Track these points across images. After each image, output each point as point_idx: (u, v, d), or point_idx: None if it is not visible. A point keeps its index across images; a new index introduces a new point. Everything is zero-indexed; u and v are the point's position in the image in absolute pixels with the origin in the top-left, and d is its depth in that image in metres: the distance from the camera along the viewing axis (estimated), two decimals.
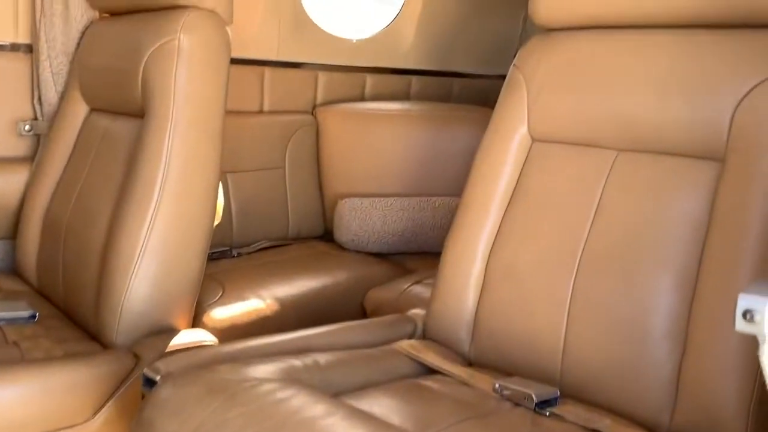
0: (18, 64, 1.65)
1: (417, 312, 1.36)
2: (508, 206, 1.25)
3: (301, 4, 2.23)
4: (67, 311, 1.41)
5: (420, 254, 2.08)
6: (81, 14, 1.59)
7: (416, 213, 2.03)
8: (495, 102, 2.86)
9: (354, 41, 2.42)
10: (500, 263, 1.21)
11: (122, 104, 1.39)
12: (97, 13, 1.60)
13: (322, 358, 1.08)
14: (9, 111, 1.66)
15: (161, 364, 0.98)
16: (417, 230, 2.03)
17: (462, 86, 2.80)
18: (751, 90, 1.00)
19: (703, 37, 1.05)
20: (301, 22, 2.24)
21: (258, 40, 2.12)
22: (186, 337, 1.24)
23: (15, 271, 1.64)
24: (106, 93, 1.45)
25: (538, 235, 1.18)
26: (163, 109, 1.25)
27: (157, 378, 0.95)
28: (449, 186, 2.08)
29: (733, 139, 1.02)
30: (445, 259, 1.29)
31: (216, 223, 1.45)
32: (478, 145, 2.09)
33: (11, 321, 1.30)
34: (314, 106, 2.28)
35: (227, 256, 1.92)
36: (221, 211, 1.46)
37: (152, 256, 1.23)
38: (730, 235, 0.97)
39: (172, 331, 1.26)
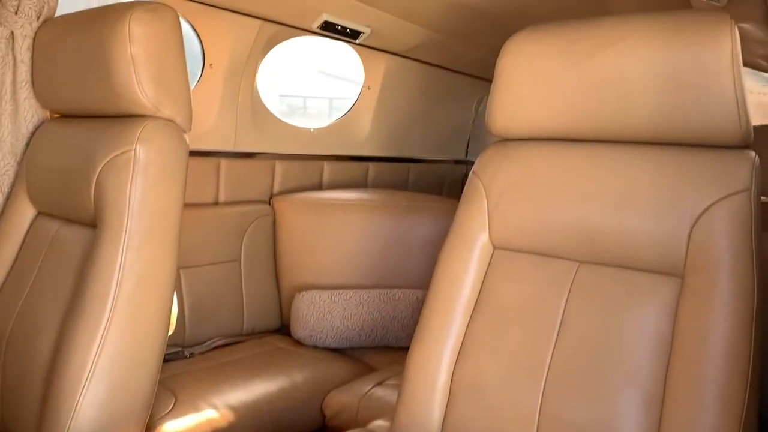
0: None
1: (380, 425, 1.31)
2: (471, 315, 1.24)
3: (258, 96, 2.25)
4: (4, 430, 1.31)
5: (380, 348, 2.04)
6: (31, 114, 1.54)
7: (376, 306, 2.00)
8: (450, 186, 2.92)
9: (311, 130, 2.43)
10: (465, 376, 1.19)
11: (73, 211, 1.34)
12: (48, 114, 1.57)
13: None
14: None
15: None
16: (377, 324, 2.00)
17: (418, 171, 2.84)
18: (707, 209, 1.03)
19: (660, 153, 1.09)
20: (259, 112, 2.25)
21: (215, 131, 2.11)
22: None
23: None
24: (56, 197, 1.40)
25: (503, 348, 1.16)
26: (116, 222, 1.20)
27: None
28: (410, 277, 2.07)
29: (691, 257, 1.04)
30: (410, 367, 1.26)
31: (170, 333, 1.39)
32: (438, 235, 2.11)
33: None
34: (271, 196, 2.26)
35: (179, 358, 1.84)
36: (174, 322, 1.40)
37: (102, 377, 1.16)
38: (692, 356, 0.98)
39: None
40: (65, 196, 1.36)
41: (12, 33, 1.48)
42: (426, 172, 2.89)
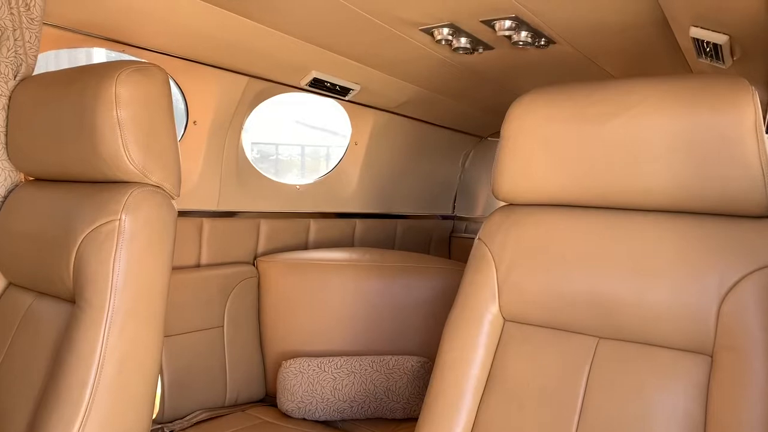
0: None
1: None
2: (483, 394, 1.16)
3: (243, 152, 2.17)
4: None
5: (374, 420, 1.93)
6: (4, 177, 1.44)
7: (368, 375, 1.90)
8: (437, 241, 2.85)
9: (298, 187, 2.36)
10: None
11: (49, 284, 1.23)
12: (22, 176, 1.47)
13: None
14: None
15: None
16: (370, 395, 1.89)
17: (406, 227, 2.78)
18: (736, 283, 0.97)
19: (681, 221, 1.03)
20: (244, 170, 2.17)
21: (198, 191, 2.02)
22: None
23: None
24: (30, 267, 1.29)
25: (520, 431, 1.08)
26: (98, 299, 1.10)
27: None
28: (404, 343, 1.98)
29: (721, 334, 0.98)
30: None
31: (153, 417, 1.27)
32: (432, 297, 2.03)
33: None
34: (255, 256, 2.17)
35: None
36: (158, 402, 1.29)
37: None
38: None
39: None
40: (40, 266, 1.25)
41: None
42: (413, 228, 2.83)
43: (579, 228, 1.12)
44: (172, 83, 1.94)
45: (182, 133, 2.01)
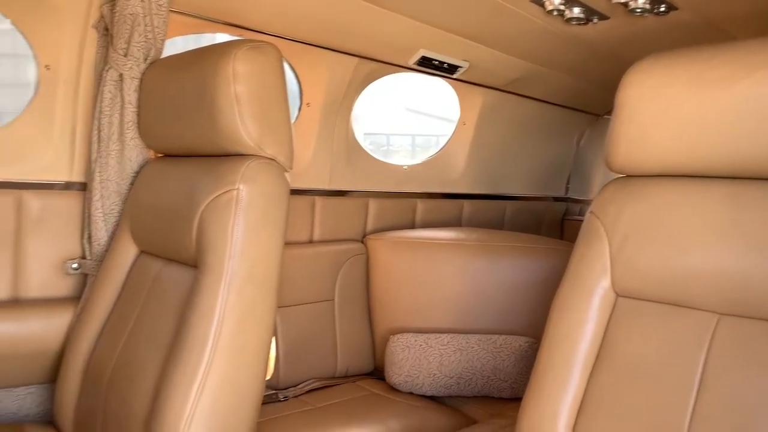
0: (70, 202, 1.63)
1: None
2: (592, 371, 1.12)
3: (353, 133, 2.22)
4: None
5: (480, 399, 1.92)
6: (136, 154, 1.57)
7: (475, 353, 1.89)
8: (549, 225, 2.78)
9: (405, 168, 2.38)
10: None
11: (175, 251, 1.33)
12: (152, 153, 1.59)
13: None
14: (58, 250, 1.62)
15: None
16: (476, 373, 1.89)
17: (515, 209, 2.73)
18: None
19: None
20: (353, 150, 2.22)
21: (311, 170, 2.10)
22: None
23: (51, 419, 1.54)
24: (158, 237, 1.40)
25: (630, 409, 1.04)
26: (218, 263, 1.17)
27: None
28: (512, 323, 1.95)
29: None
30: (522, 425, 1.15)
31: (267, 377, 1.34)
32: (543, 277, 1.99)
33: None
34: (364, 234, 2.22)
35: (273, 401, 1.80)
36: (272, 367, 1.36)
37: (201, 423, 1.12)
38: None
39: None
40: (167, 235, 1.35)
41: (121, 75, 1.51)
42: (523, 210, 2.78)
43: (700, 199, 1.06)
44: (287, 67, 2.02)
45: (296, 114, 2.09)
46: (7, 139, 1.59)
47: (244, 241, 1.18)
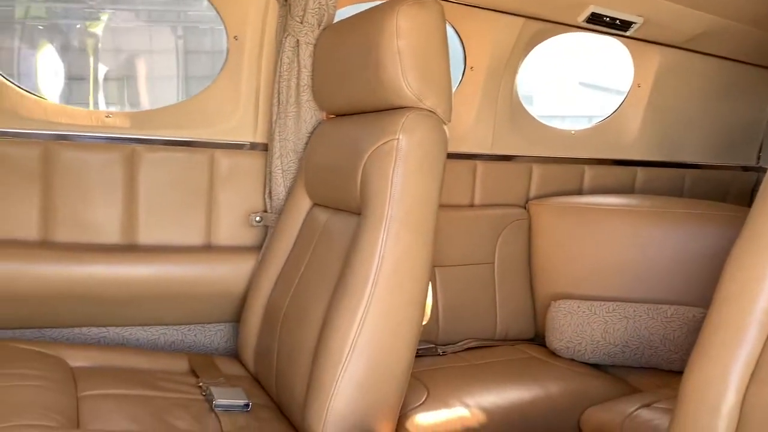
0: (254, 161, 1.80)
1: None
2: None
3: (517, 97, 2.20)
4: (278, 401, 1.43)
5: (646, 370, 1.83)
6: (311, 116, 1.69)
7: (643, 322, 1.80)
8: (735, 197, 2.54)
9: (573, 132, 2.31)
10: (762, 402, 0.99)
11: (341, 200, 1.42)
12: (324, 115, 1.70)
13: None
14: (244, 204, 1.80)
15: None
16: (644, 342, 1.80)
17: (695, 178, 2.53)
18: None
19: None
20: (517, 115, 2.20)
21: (473, 134, 2.11)
22: None
23: (236, 353, 1.73)
24: (328, 189, 1.51)
25: None
26: (379, 208, 1.24)
27: None
28: (685, 293, 1.83)
29: None
30: (686, 388, 1.08)
31: (424, 322, 1.39)
32: (723, 247, 1.84)
33: (227, 408, 1.34)
34: (527, 200, 2.19)
35: (432, 354, 1.85)
36: (429, 311, 1.41)
37: (360, 355, 1.20)
38: None
39: None
40: (335, 188, 1.45)
41: (297, 41, 1.64)
42: (705, 180, 2.56)
43: None
44: (451, 30, 2.05)
45: (460, 78, 2.11)
46: (201, 104, 1.79)
47: (402, 187, 1.24)
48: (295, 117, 1.70)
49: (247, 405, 1.36)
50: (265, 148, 1.80)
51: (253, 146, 1.81)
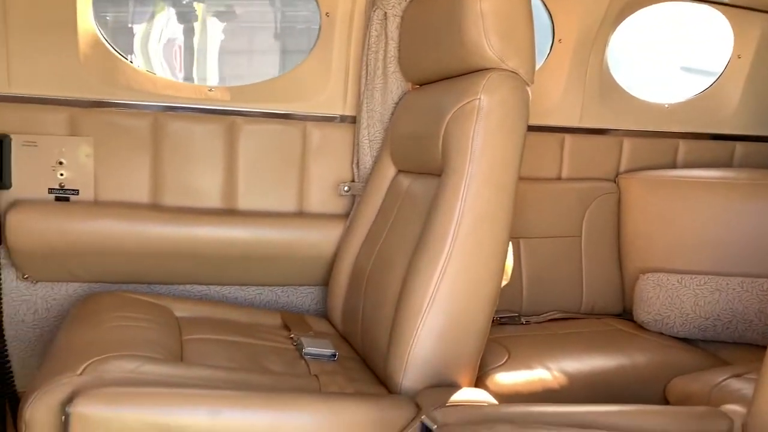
0: (344, 133, 1.88)
1: (734, 408, 1.13)
2: None
3: (608, 70, 2.17)
4: (363, 354, 1.50)
5: (739, 345, 1.77)
6: (397, 86, 1.75)
7: (737, 295, 1.74)
8: None
9: (666, 106, 2.25)
10: None
11: (424, 164, 1.47)
12: (410, 86, 1.76)
13: None
14: (333, 174, 1.89)
15: (439, 415, 0.97)
16: (737, 316, 1.73)
17: None
18: None
19: None
20: (607, 87, 2.16)
21: (560, 107, 2.10)
22: (467, 394, 1.21)
23: (326, 315, 1.82)
24: (411, 155, 1.56)
25: None
26: (459, 166, 1.28)
27: (434, 427, 0.93)
28: None
29: None
30: None
31: (504, 283, 1.42)
32: None
33: (316, 357, 1.43)
34: (617, 174, 2.15)
35: (515, 323, 1.87)
36: (510, 273, 1.43)
37: (439, 307, 1.24)
38: None
39: (454, 387, 1.25)
40: (418, 152, 1.50)
41: (385, 14, 1.70)
42: None
43: None
44: (539, 2, 2.05)
45: (548, 52, 2.10)
46: (295, 79, 1.89)
47: (483, 146, 1.27)
48: (382, 88, 1.76)
49: (333, 355, 1.44)
50: (353, 120, 1.88)
51: (343, 119, 1.89)
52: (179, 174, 1.79)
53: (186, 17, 2.60)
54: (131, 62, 1.80)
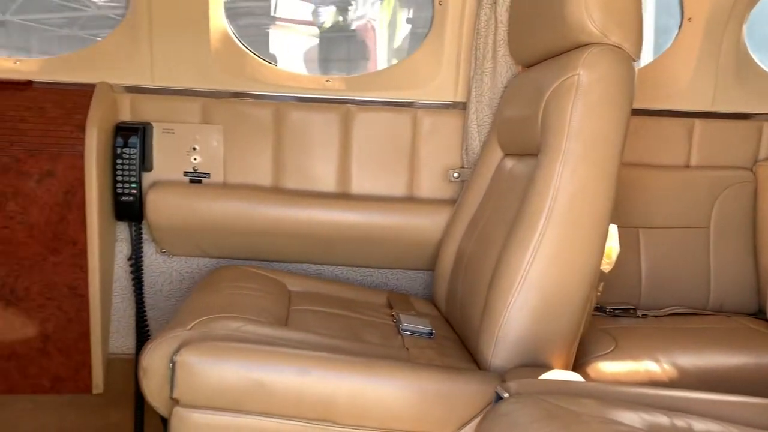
0: (454, 120, 1.90)
1: None
2: None
3: (746, 49, 2.00)
4: (461, 335, 1.51)
5: None
6: (506, 70, 1.74)
7: None
8: None
9: None
10: None
11: (525, 146, 1.45)
12: (520, 68, 1.74)
13: (700, 424, 0.90)
14: (443, 160, 1.91)
15: (514, 384, 0.96)
16: None
17: None
18: None
19: None
20: (745, 68, 2.00)
21: (690, 90, 1.97)
22: (558, 376, 1.19)
23: (431, 299, 1.85)
24: (515, 137, 1.55)
25: None
26: (556, 143, 1.25)
27: (505, 395, 0.93)
28: None
29: None
30: None
31: (607, 268, 1.37)
32: None
33: (413, 333, 1.46)
34: (755, 161, 1.98)
35: (630, 315, 1.78)
36: (614, 258, 1.37)
37: (531, 285, 1.23)
38: None
39: (545, 367, 1.23)
40: (521, 134, 1.49)
41: None
42: None
43: None
44: None
45: (676, 32, 1.98)
46: (408, 68, 1.94)
47: (581, 122, 1.23)
48: (491, 72, 1.76)
49: (430, 333, 1.47)
50: (464, 107, 1.89)
51: (454, 105, 1.91)
52: (298, 159, 1.91)
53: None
54: (257, 56, 1.94)
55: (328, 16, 2.79)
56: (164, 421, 1.24)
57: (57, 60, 1.89)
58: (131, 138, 1.80)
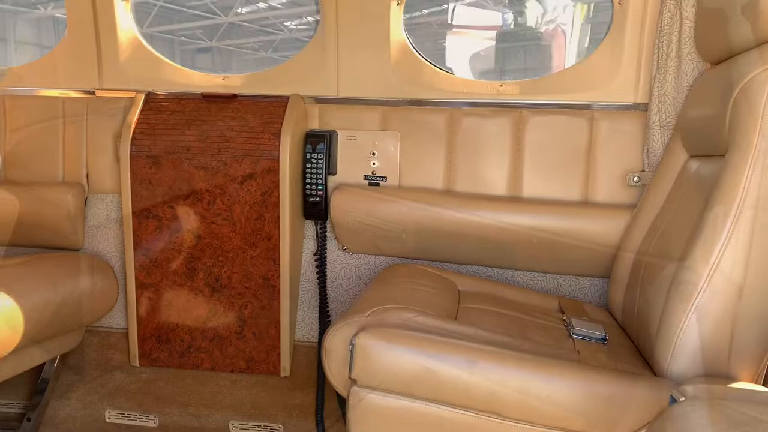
0: (633, 121, 1.83)
1: None
2: None
3: None
4: (637, 343, 1.46)
5: None
6: (692, 68, 1.65)
7: None
8: None
9: None
10: None
11: (712, 146, 1.37)
12: (707, 66, 1.64)
13: None
14: (622, 164, 1.85)
15: (690, 388, 0.93)
16: None
17: None
18: None
19: None
20: None
21: None
22: (742, 387, 1.11)
23: (606, 306, 1.79)
24: (701, 138, 1.46)
25: None
26: (746, 142, 1.17)
27: (680, 399, 0.90)
28: None
29: None
30: None
31: None
32: None
33: (585, 337, 1.44)
34: None
35: None
36: None
37: (715, 292, 1.16)
38: None
39: (730, 379, 1.15)
40: (707, 135, 1.40)
41: None
42: None
43: None
44: None
45: None
46: (584, 70, 1.91)
47: None
48: (675, 71, 1.68)
49: (604, 339, 1.43)
50: (644, 108, 1.82)
51: (633, 107, 1.85)
52: (469, 163, 1.96)
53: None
54: (434, 65, 2.03)
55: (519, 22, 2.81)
56: (341, 405, 1.35)
57: (257, 75, 2.13)
58: (319, 144, 1.97)
